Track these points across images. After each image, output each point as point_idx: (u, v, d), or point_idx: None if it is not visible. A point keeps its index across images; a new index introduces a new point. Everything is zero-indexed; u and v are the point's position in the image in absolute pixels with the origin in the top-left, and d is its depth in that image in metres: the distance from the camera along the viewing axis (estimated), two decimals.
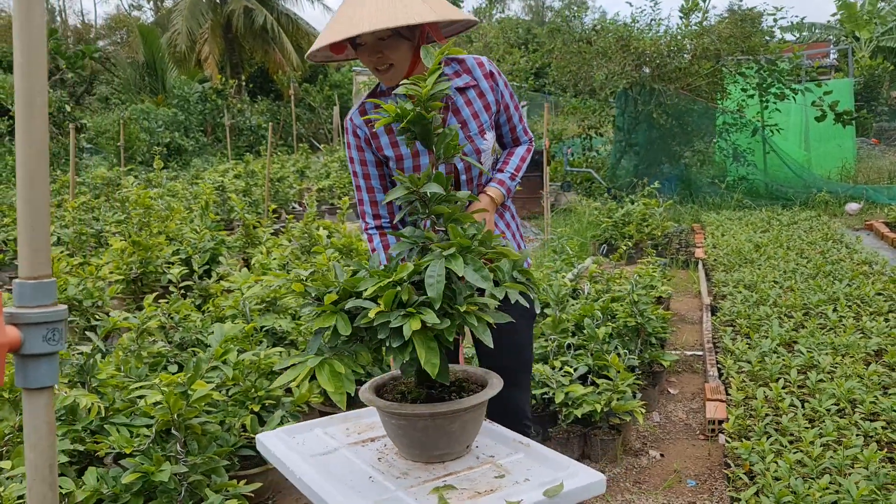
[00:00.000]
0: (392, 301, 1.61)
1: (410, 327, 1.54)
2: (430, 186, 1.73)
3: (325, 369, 1.58)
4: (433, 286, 1.59)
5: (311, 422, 2.20)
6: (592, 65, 11.46)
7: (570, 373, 3.48)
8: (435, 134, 1.79)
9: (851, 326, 4.32)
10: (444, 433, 1.86)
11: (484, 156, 2.21)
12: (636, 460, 3.38)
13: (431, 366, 1.59)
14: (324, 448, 2.02)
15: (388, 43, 2.07)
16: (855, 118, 11.29)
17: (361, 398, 1.89)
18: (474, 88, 2.21)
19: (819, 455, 2.78)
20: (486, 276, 1.61)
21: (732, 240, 7.39)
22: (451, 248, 1.64)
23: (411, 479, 1.82)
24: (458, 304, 1.65)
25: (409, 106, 1.76)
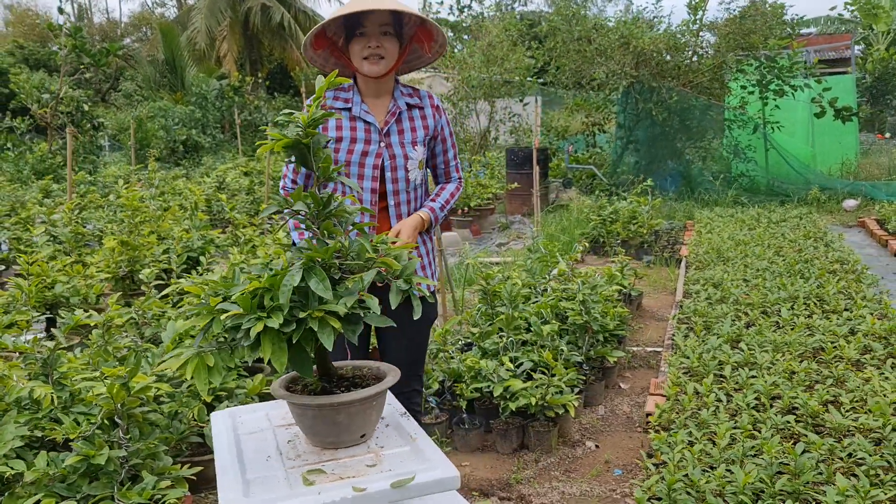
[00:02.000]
0: (253, 304, 1.84)
1: (255, 329, 1.77)
2: (298, 205, 1.96)
3: (194, 362, 1.82)
4: (283, 294, 1.82)
5: (266, 404, 2.46)
6: (593, 63, 11.59)
7: (511, 368, 3.70)
8: (314, 156, 2.02)
9: (801, 325, 4.47)
10: (333, 422, 2.09)
11: (411, 163, 2.58)
12: (572, 451, 3.59)
13: (279, 363, 1.81)
14: (255, 428, 2.27)
15: (387, 37, 2.48)
16: (854, 114, 11.29)
17: (271, 390, 2.13)
18: (420, 110, 2.64)
19: (726, 446, 2.97)
20: (327, 287, 1.84)
21: (716, 237, 7.51)
22: (303, 260, 1.87)
23: (300, 461, 2.04)
24: (311, 309, 1.87)
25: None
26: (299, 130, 2.04)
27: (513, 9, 42.90)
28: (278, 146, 2.03)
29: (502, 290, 4.34)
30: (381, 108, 2.57)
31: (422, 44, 2.61)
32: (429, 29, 2.57)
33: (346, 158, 2.47)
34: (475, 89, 13.35)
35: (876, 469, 2.74)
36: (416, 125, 2.60)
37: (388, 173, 2.53)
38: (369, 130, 2.51)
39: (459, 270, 6.70)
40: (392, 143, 2.53)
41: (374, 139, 2.51)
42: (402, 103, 2.58)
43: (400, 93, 2.60)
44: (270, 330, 1.85)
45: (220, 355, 1.95)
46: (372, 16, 2.42)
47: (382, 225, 2.57)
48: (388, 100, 2.58)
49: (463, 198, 9.91)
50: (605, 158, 13.29)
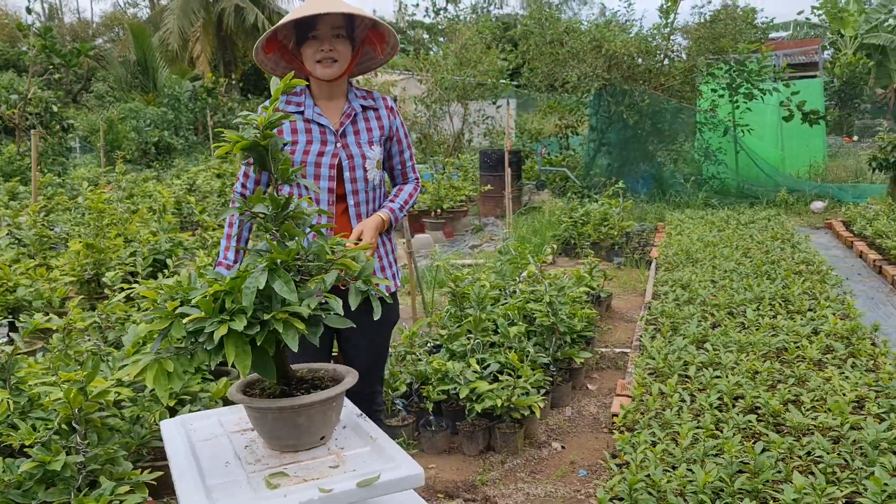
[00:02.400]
0: (214, 308, 1.83)
1: (218, 332, 1.76)
2: (258, 206, 1.95)
3: (153, 368, 1.80)
4: (247, 296, 1.81)
5: (217, 410, 2.44)
6: (565, 66, 11.66)
7: (478, 370, 3.70)
8: (272, 158, 2.02)
9: (766, 325, 4.52)
10: (292, 425, 2.08)
11: (369, 162, 2.59)
12: (538, 452, 3.61)
13: (243, 366, 1.80)
14: (209, 435, 2.25)
15: (340, 40, 2.48)
16: (822, 118, 11.46)
17: (228, 394, 2.12)
18: (374, 111, 2.65)
19: (688, 446, 3.00)
20: (291, 289, 1.83)
21: (686, 239, 7.59)
22: (265, 262, 1.86)
23: (260, 465, 2.03)
24: (274, 311, 1.86)
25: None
26: (256, 132, 2.03)
27: (488, 11, 43.06)
28: (236, 148, 2.02)
29: (471, 292, 4.35)
30: (335, 111, 2.56)
31: (374, 46, 2.62)
32: (381, 31, 2.57)
33: (301, 159, 2.47)
34: (448, 91, 13.37)
35: (833, 467, 2.78)
36: (371, 126, 2.61)
37: (346, 173, 2.53)
38: (324, 132, 2.51)
39: (430, 272, 6.70)
40: (349, 144, 2.53)
41: (329, 140, 2.51)
42: (357, 105, 2.59)
43: (354, 95, 2.61)
44: (234, 333, 1.84)
45: (180, 360, 1.93)
46: (324, 19, 2.42)
47: (343, 226, 2.57)
48: (342, 102, 2.58)
49: (436, 200, 9.92)
50: (577, 161, 13.37)
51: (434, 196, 9.91)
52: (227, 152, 2.02)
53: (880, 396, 3.44)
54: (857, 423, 3.13)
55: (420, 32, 33.73)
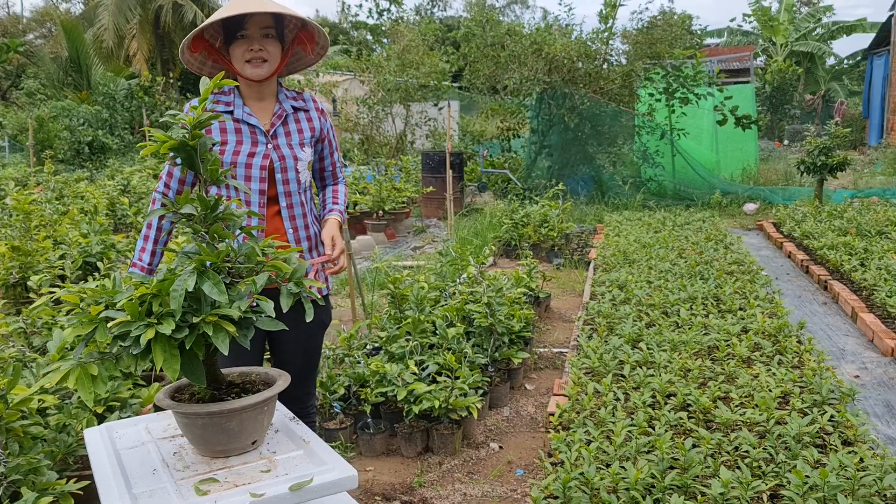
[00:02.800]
0: (141, 311, 1.78)
1: (145, 336, 1.72)
2: (187, 207, 1.91)
3: (76, 373, 1.75)
4: (175, 299, 1.78)
5: (144, 416, 2.38)
6: (507, 69, 11.76)
7: (416, 372, 3.70)
8: (201, 159, 1.98)
9: (698, 324, 4.64)
10: (223, 430, 2.04)
11: (300, 164, 2.58)
12: (476, 452, 3.63)
13: (172, 371, 1.76)
14: (135, 442, 2.19)
15: (269, 40, 2.45)
16: (754, 122, 11.83)
17: (155, 400, 2.07)
18: (305, 112, 2.64)
19: (621, 444, 3.05)
20: (221, 290, 1.81)
21: (623, 240, 7.72)
22: (194, 264, 1.82)
23: (189, 472, 1.99)
24: (204, 314, 1.83)
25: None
26: (185, 132, 1.99)
27: (431, 13, 42.98)
28: (164, 148, 1.97)
29: (410, 293, 4.35)
30: (265, 112, 2.53)
31: (304, 45, 2.60)
32: (310, 31, 2.55)
33: (231, 160, 2.43)
34: (391, 93, 13.35)
35: (759, 461, 2.87)
36: (302, 127, 2.59)
37: (278, 175, 2.50)
38: (254, 132, 2.48)
39: (371, 274, 6.67)
40: (280, 145, 2.51)
41: (260, 141, 2.47)
42: (288, 106, 2.57)
43: (285, 96, 2.58)
44: (161, 337, 1.80)
45: (105, 365, 1.89)
46: (253, 18, 2.38)
47: (275, 228, 2.53)
48: (272, 103, 2.55)
49: (377, 201, 9.89)
50: (519, 163, 13.50)
51: (376, 198, 9.88)
52: (156, 152, 1.98)
53: (804, 392, 3.56)
54: (782, 418, 3.23)
55: (363, 33, 33.55)
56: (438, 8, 42.09)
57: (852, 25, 24.95)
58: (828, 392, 3.46)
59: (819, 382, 3.55)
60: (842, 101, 21.40)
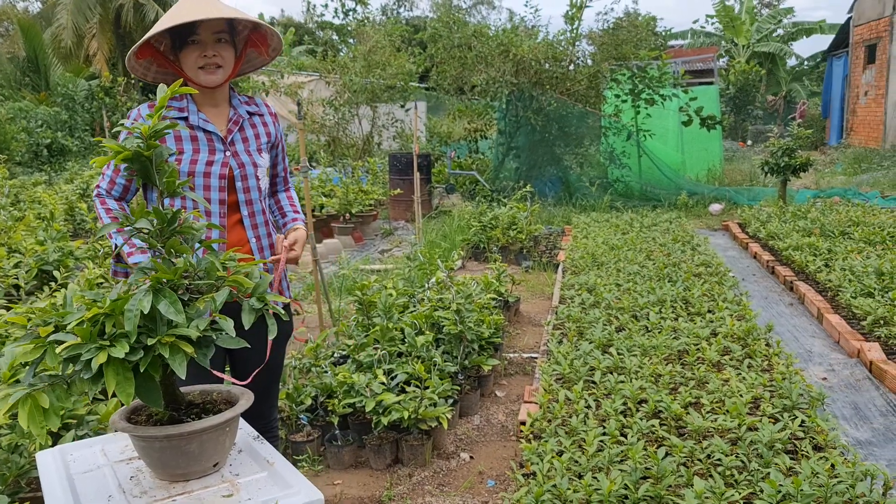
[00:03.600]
0: (93, 333, 1.69)
1: (97, 360, 1.62)
2: (141, 222, 1.82)
3: (26, 405, 1.65)
4: (129, 320, 1.68)
5: (101, 438, 2.27)
6: (473, 70, 11.71)
7: (384, 382, 3.63)
8: (157, 169, 1.89)
9: (668, 328, 4.63)
10: (182, 453, 1.95)
11: (260, 170, 2.50)
12: (446, 463, 3.56)
13: (126, 395, 1.67)
14: (90, 466, 2.09)
15: (222, 45, 2.35)
16: (718, 123, 11.94)
17: (110, 423, 1.97)
18: (259, 117, 2.55)
19: (594, 454, 3.01)
20: (178, 310, 1.72)
21: (591, 242, 7.71)
22: (150, 282, 1.73)
23: (146, 498, 1.90)
24: (160, 334, 1.74)
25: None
26: (139, 142, 1.89)
27: (398, 13, 42.85)
28: (117, 159, 1.88)
29: (378, 300, 4.27)
30: (220, 118, 2.44)
31: (257, 48, 2.52)
32: (262, 32, 2.47)
33: (189, 170, 2.32)
34: (357, 94, 13.22)
35: (731, 469, 2.84)
36: (258, 132, 2.51)
37: (238, 183, 2.41)
38: (211, 140, 2.38)
39: (339, 280, 6.57)
40: (238, 152, 2.41)
41: (218, 148, 2.38)
42: (243, 111, 2.49)
43: (238, 101, 2.50)
44: (114, 360, 1.71)
45: (55, 393, 1.78)
46: (205, 24, 2.28)
47: (237, 239, 2.44)
48: (226, 108, 2.45)
49: (344, 204, 9.77)
50: (487, 164, 13.47)
51: (342, 200, 9.77)
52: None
53: (774, 396, 3.56)
54: (753, 424, 3.22)
55: (329, 34, 33.29)
56: (405, 8, 41.99)
57: (812, 27, 25.42)
58: (797, 396, 3.46)
59: (789, 387, 3.54)
60: (804, 101, 21.77)
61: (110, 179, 2.37)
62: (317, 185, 10.64)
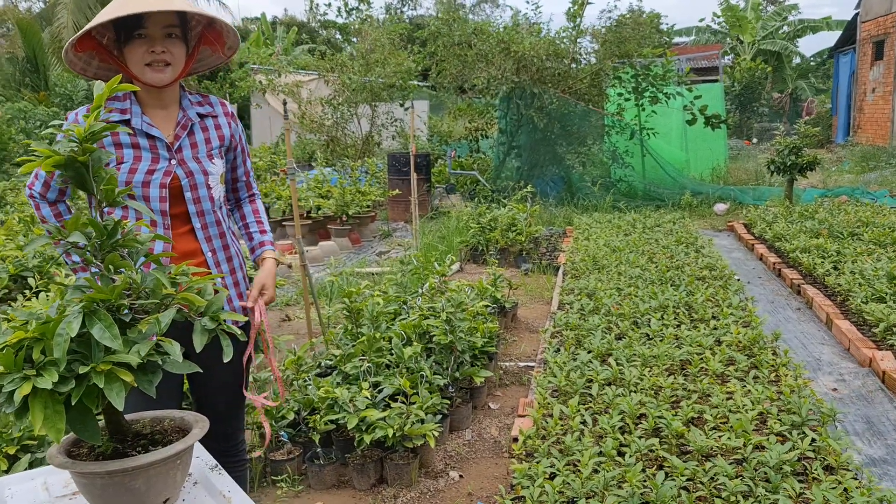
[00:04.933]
0: (17, 360, 1.50)
1: (20, 392, 1.44)
2: (75, 235, 1.63)
3: None
4: (59, 345, 1.50)
5: (40, 470, 2.09)
6: (474, 68, 11.51)
7: (369, 396, 3.43)
8: (94, 176, 1.69)
9: (670, 336, 4.42)
10: (127, 490, 1.76)
11: (212, 178, 2.27)
12: (434, 482, 3.37)
13: (56, 431, 1.48)
14: (30, 502, 1.91)
15: (172, 41, 2.13)
16: (723, 121, 11.71)
17: (47, 457, 1.78)
18: (213, 118, 2.32)
19: (588, 476, 2.81)
20: (114, 335, 1.53)
21: (592, 244, 7.50)
22: (82, 303, 1.54)
23: None
24: (95, 361, 1.55)
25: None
26: (74, 146, 1.70)
27: (401, 12, 42.68)
28: (46, 165, 1.68)
29: (364, 308, 4.08)
30: (167, 121, 2.20)
31: (212, 45, 2.28)
32: (218, 29, 2.24)
33: (126, 179, 2.09)
34: (356, 93, 13.03)
35: (736, 495, 2.64)
36: (210, 136, 2.27)
37: (187, 193, 2.18)
38: (155, 147, 2.14)
39: (330, 284, 6.37)
40: (185, 159, 2.18)
41: (162, 156, 2.15)
42: (193, 113, 2.24)
43: (189, 102, 2.25)
44: (42, 391, 1.52)
45: None
46: (154, 16, 2.05)
47: (188, 248, 2.22)
48: (175, 110, 2.22)
49: (341, 205, 9.58)
50: (488, 164, 13.26)
51: (339, 202, 9.57)
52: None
53: (782, 412, 3.35)
54: (759, 443, 3.02)
55: (332, 32, 33.13)
56: (409, 7, 41.80)
57: (818, 24, 25.13)
58: (807, 412, 3.25)
59: (798, 401, 3.34)
60: (811, 99, 21.50)
61: (44, 181, 2.17)
62: (313, 185, 10.44)
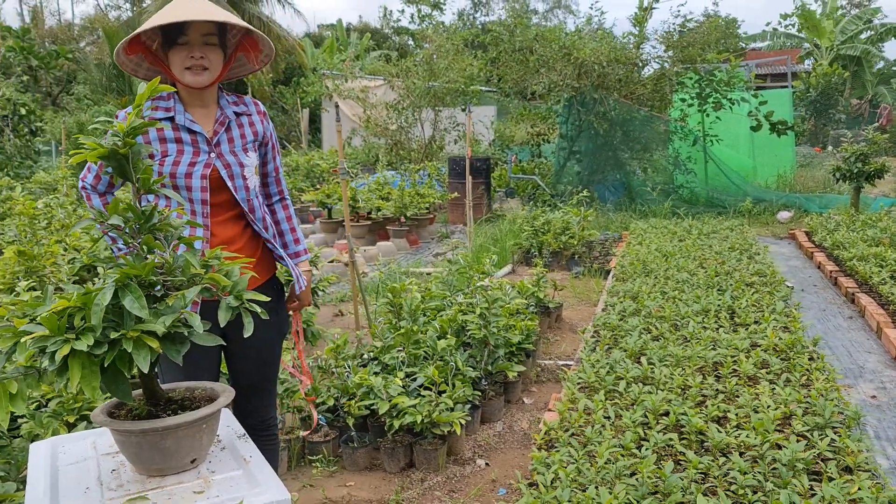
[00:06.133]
0: (61, 325, 1.72)
1: (61, 352, 1.65)
2: (115, 218, 1.85)
3: None
4: (95, 314, 1.71)
5: (93, 431, 2.33)
6: (536, 73, 11.60)
7: (400, 385, 3.61)
8: (134, 167, 1.91)
9: (707, 338, 4.45)
10: (158, 449, 1.97)
11: (247, 169, 2.50)
12: (460, 469, 3.51)
13: (91, 388, 1.69)
14: (77, 458, 2.14)
15: (211, 47, 2.35)
16: (790, 128, 11.46)
17: (91, 416, 2.01)
18: (247, 116, 2.54)
19: (603, 465, 2.91)
20: (142, 305, 1.73)
21: (644, 249, 7.51)
22: (116, 276, 1.76)
23: (121, 491, 1.92)
24: (126, 329, 1.76)
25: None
26: (117, 139, 1.93)
27: (474, 18, 42.67)
28: (92, 157, 1.91)
29: (403, 303, 4.26)
30: (207, 119, 2.43)
31: (248, 52, 2.51)
32: (255, 38, 2.46)
33: (171, 171, 2.33)
34: (420, 97, 13.28)
35: (745, 489, 2.70)
36: (245, 132, 2.50)
37: (228, 182, 2.41)
38: (196, 141, 2.37)
39: (381, 282, 6.59)
40: (223, 153, 2.41)
41: (202, 149, 2.38)
42: (230, 112, 2.47)
43: (226, 101, 2.49)
44: (80, 353, 1.74)
45: (27, 381, 1.83)
46: (194, 25, 2.28)
47: (230, 234, 2.45)
48: (214, 109, 2.45)
49: (399, 207, 9.82)
50: (549, 168, 13.32)
51: (398, 203, 9.81)
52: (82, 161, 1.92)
53: (808, 414, 3.37)
54: (779, 442, 3.05)
55: (405, 38, 33.55)
56: (482, 13, 42.06)
57: None
58: (831, 414, 3.26)
59: (823, 404, 3.35)
60: (884, 105, 20.71)
61: (95, 174, 2.42)
62: (374, 188, 10.72)
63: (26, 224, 5.06)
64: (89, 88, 25.25)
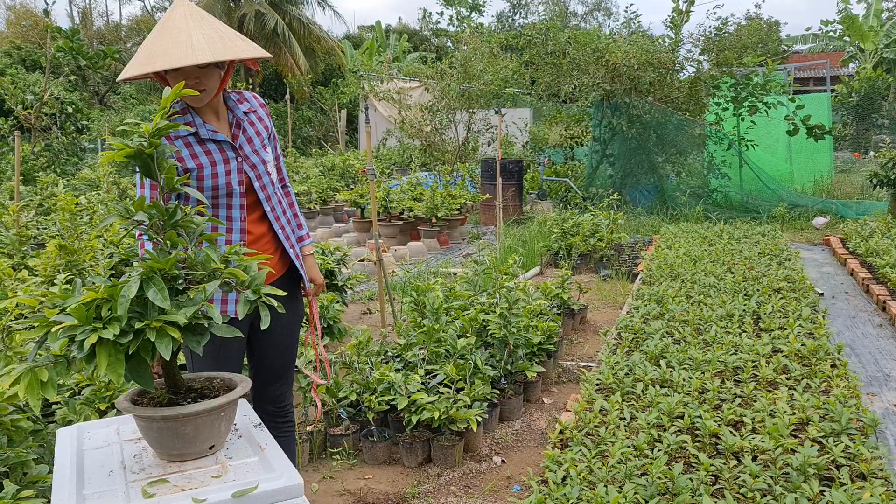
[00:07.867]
0: (89, 315, 1.83)
1: (89, 341, 1.76)
2: (139, 215, 1.96)
3: (27, 378, 1.80)
4: (121, 305, 1.82)
5: (118, 418, 2.45)
6: (569, 76, 11.60)
7: (419, 381, 3.69)
8: (158, 167, 2.02)
9: (728, 343, 4.45)
10: (178, 434, 2.07)
11: (269, 165, 2.60)
12: (477, 465, 3.58)
13: (116, 375, 1.80)
14: (102, 443, 2.26)
15: (205, 72, 2.39)
16: (827, 132, 11.29)
17: (116, 403, 2.12)
18: (254, 112, 2.63)
19: (613, 465, 2.95)
20: (165, 297, 1.84)
21: (672, 253, 7.49)
22: (141, 270, 1.86)
23: (143, 475, 2.03)
24: (149, 319, 1.86)
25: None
26: (143, 140, 2.04)
27: (513, 20, 42.61)
28: (119, 156, 2.02)
29: (426, 301, 4.34)
30: (223, 124, 2.51)
31: (245, 62, 2.55)
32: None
33: (213, 184, 2.41)
34: (454, 99, 13.37)
35: (754, 492, 2.73)
36: (258, 129, 2.58)
37: (255, 183, 2.51)
38: (223, 149, 2.45)
39: (407, 281, 6.68)
40: (248, 155, 2.51)
41: (230, 156, 2.46)
42: (240, 112, 2.55)
43: (233, 101, 2.56)
44: (106, 341, 1.84)
45: (56, 369, 1.94)
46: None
47: (262, 230, 2.56)
48: (224, 112, 2.52)
49: (430, 208, 9.91)
50: (582, 171, 13.30)
51: (429, 204, 9.90)
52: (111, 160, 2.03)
53: (825, 420, 3.37)
54: (793, 447, 3.07)
55: (444, 40, 33.64)
56: (520, 15, 41.97)
57: None
58: (848, 421, 3.26)
59: (840, 410, 3.34)
60: None
61: (150, 190, 2.49)
62: (406, 188, 10.84)
63: (68, 219, 5.25)
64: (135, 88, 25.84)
